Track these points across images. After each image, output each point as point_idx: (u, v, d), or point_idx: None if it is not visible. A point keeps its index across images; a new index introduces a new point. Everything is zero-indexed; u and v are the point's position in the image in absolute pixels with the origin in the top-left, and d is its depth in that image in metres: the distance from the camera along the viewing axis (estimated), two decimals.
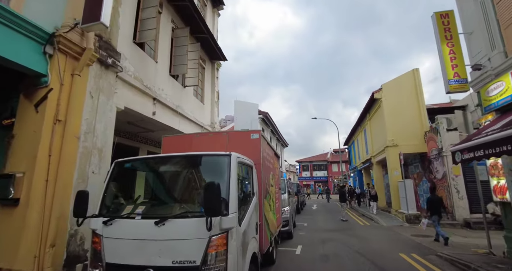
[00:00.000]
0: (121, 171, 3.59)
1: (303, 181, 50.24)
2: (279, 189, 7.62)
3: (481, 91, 6.50)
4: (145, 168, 3.54)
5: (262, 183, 4.55)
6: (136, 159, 3.56)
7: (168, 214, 2.98)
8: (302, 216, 16.04)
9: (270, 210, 5.33)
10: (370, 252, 6.96)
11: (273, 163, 6.47)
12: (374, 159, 19.11)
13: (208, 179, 3.21)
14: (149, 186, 3.50)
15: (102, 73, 5.23)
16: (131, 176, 3.61)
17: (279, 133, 28.98)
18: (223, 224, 2.80)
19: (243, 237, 3.21)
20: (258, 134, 4.65)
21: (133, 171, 3.58)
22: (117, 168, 3.58)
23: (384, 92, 15.91)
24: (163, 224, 2.88)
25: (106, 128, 5.26)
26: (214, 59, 11.86)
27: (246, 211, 3.56)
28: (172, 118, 8.07)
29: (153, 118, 7.17)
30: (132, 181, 3.63)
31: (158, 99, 7.34)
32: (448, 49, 6.95)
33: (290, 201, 9.94)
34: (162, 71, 7.92)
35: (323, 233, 9.94)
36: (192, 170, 3.45)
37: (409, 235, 9.23)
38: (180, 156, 3.55)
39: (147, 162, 3.53)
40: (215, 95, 11.76)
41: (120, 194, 3.53)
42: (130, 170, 3.59)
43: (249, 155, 4.43)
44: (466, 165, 11.96)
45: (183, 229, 2.86)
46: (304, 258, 6.70)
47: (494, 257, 6.22)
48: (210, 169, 3.36)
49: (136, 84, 6.45)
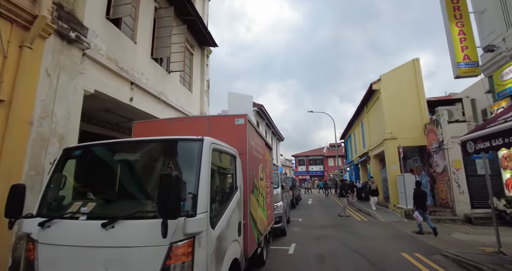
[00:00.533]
0: (71, 159, 2.91)
1: (299, 176, 49.88)
2: (271, 183, 6.99)
3: (494, 76, 5.88)
4: (99, 156, 2.85)
5: (248, 175, 3.90)
6: (87, 145, 2.87)
7: (120, 213, 2.31)
8: (297, 210, 15.53)
9: (259, 206, 4.70)
10: (370, 252, 6.40)
11: (263, 154, 5.82)
12: (372, 153, 18.59)
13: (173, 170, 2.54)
14: (103, 178, 2.82)
15: (63, 49, 4.49)
16: (83, 165, 2.93)
17: (274, 126, 28.33)
18: (188, 228, 2.16)
19: (218, 243, 2.56)
20: (243, 119, 3.98)
21: (86, 159, 2.89)
22: (66, 156, 2.90)
23: (383, 83, 15.27)
24: (112, 227, 2.23)
25: (69, 113, 4.54)
26: (204, 45, 11.07)
27: (225, 209, 2.91)
28: (154, 106, 7.35)
29: (131, 105, 6.46)
30: (84, 172, 2.95)
31: (136, 84, 6.61)
32: (457, 30, 6.29)
33: (284, 196, 9.35)
34: (142, 53, 7.16)
35: (318, 230, 9.39)
36: (155, 158, 2.77)
37: (409, 232, 8.71)
38: (140, 142, 2.86)
39: (101, 148, 2.85)
40: (205, 84, 11.02)
41: (68, 189, 2.85)
42: (82, 158, 2.91)
43: (233, 143, 3.77)
44: (468, 159, 11.55)
45: (137, 233, 2.21)
46: (298, 258, 6.12)
47: (504, 256, 5.68)
48: (176, 157, 2.68)
49: (109, 66, 5.71)
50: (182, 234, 2.15)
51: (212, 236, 2.45)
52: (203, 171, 2.42)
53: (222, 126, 3.98)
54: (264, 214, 5.30)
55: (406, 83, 14.89)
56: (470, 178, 11.47)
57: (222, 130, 3.95)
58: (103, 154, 2.88)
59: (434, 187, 13.23)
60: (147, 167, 2.76)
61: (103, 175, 2.86)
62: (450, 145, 11.83)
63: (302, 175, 52.17)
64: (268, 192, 6.30)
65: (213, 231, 2.48)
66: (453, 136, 11.83)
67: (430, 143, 13.35)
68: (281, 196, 8.62)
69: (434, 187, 13.23)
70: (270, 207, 6.55)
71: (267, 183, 6.04)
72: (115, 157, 2.87)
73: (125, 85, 6.26)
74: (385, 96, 15.06)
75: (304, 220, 11.90)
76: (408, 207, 12.03)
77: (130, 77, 6.39)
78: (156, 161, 2.75)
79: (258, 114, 22.36)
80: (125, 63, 6.34)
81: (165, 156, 2.74)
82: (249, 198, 3.82)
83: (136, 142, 2.91)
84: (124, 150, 2.87)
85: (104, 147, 2.90)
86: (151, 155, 2.78)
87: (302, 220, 11.88)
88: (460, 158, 11.68)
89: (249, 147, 4.04)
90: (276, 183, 8.70)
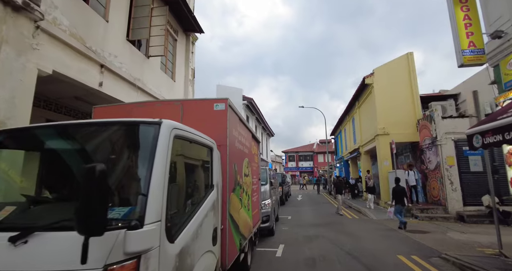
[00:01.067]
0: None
1: (289, 171, 49.63)
2: (258, 180, 6.39)
3: (501, 64, 5.41)
4: (24, 143, 2.16)
5: (229, 171, 3.27)
6: (9, 130, 2.17)
7: (37, 222, 1.65)
8: (287, 207, 15.06)
9: (242, 206, 4.09)
10: (364, 254, 5.91)
11: (249, 147, 5.20)
12: (363, 149, 18.24)
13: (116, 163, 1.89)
14: (28, 173, 2.14)
15: (6, 17, 3.71)
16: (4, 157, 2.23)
17: (265, 121, 27.71)
18: (130, 245, 1.52)
19: (180, 260, 1.93)
20: (224, 104, 3.33)
21: (8, 148, 2.20)
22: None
23: (376, 77, 14.82)
24: (24, 242, 1.57)
25: (13, 95, 3.78)
26: (189, 31, 10.28)
27: (193, 214, 2.28)
28: (129, 93, 6.59)
29: (101, 90, 5.70)
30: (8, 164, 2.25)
31: (107, 67, 5.85)
32: (462, 14, 5.79)
33: (272, 193, 8.78)
34: (116, 34, 6.38)
35: (308, 228, 8.89)
36: (94, 147, 2.09)
37: (404, 231, 8.31)
38: (76, 125, 2.16)
39: (25, 134, 2.15)
40: (190, 73, 10.26)
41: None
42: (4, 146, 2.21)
43: (211, 132, 3.14)
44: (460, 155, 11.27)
45: (60, 251, 1.56)
46: (286, 262, 5.57)
47: (507, 259, 5.28)
48: (123, 145, 2.02)
49: (73, 44, 4.94)
50: (122, 253, 1.52)
51: (170, 253, 1.81)
52: (158, 164, 1.77)
53: (198, 113, 3.33)
54: (249, 214, 4.70)
55: (399, 77, 14.50)
56: (463, 175, 11.21)
57: (198, 117, 3.30)
58: (30, 142, 2.17)
59: (426, 184, 12.95)
60: (83, 159, 2.07)
61: (29, 169, 2.17)
62: (443, 141, 11.52)
63: (292, 171, 51.96)
64: (255, 190, 5.70)
65: (172, 246, 1.84)
66: (446, 132, 11.52)
67: (423, 139, 13.03)
68: (269, 193, 8.05)
69: (426, 184, 12.95)
70: (257, 205, 5.97)
71: (253, 179, 5.44)
72: (46, 145, 2.18)
73: (93, 68, 5.49)
74: (378, 90, 14.63)
75: (293, 217, 11.41)
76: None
77: (99, 59, 5.63)
78: (96, 151, 2.07)
79: (248, 108, 21.68)
80: (94, 43, 5.57)
81: (108, 144, 2.06)
82: (229, 198, 3.19)
83: (69, 126, 2.19)
84: (56, 136, 2.15)
85: (29, 133, 2.17)
86: (90, 143, 2.10)
87: (291, 217, 11.38)
88: (453, 154, 11.40)
89: (230, 138, 3.40)
90: (264, 180, 8.12)
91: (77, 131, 2.10)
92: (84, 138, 2.08)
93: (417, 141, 13.63)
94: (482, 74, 13.84)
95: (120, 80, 6.32)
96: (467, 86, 14.88)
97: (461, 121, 11.53)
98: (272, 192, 8.70)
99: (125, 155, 1.95)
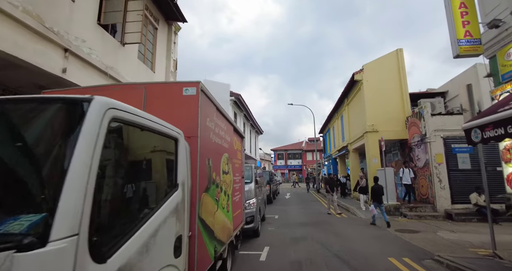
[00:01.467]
0: None
1: (277, 169, 49.40)
2: (242, 178, 5.91)
3: (498, 55, 5.12)
4: None
5: (200, 167, 2.77)
6: None
7: None
8: (274, 206, 14.66)
9: (219, 208, 3.60)
10: (353, 257, 5.54)
11: (230, 142, 4.71)
12: (351, 146, 18.06)
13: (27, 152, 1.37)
14: None
15: None
16: None
17: (253, 118, 27.19)
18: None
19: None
20: (195, 88, 2.83)
21: None
22: None
23: (366, 74, 14.58)
24: None
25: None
26: (171, 20, 9.65)
27: (143, 221, 1.77)
28: (99, 82, 5.96)
29: (65, 78, 5.09)
30: None
31: (73, 52, 5.22)
32: (458, 2, 5.46)
33: (258, 192, 8.33)
34: (84, 15, 5.74)
35: (295, 229, 8.49)
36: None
37: (393, 231, 8.03)
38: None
39: None
40: (172, 64, 9.65)
41: None
42: None
43: (179, 121, 2.64)
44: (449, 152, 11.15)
45: None
46: (270, 267, 5.13)
47: (502, 261, 5.02)
48: (38, 130, 1.49)
49: (27, 22, 4.31)
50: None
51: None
52: (79, 154, 1.26)
53: (165, 98, 2.81)
54: (229, 216, 4.22)
55: (388, 74, 14.31)
56: (452, 172, 11.10)
57: (164, 103, 2.79)
58: None
59: (414, 182, 12.81)
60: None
61: None
62: (432, 139, 11.37)
63: (281, 169, 51.79)
64: (237, 189, 5.22)
65: (100, 268, 1.34)
66: (436, 129, 11.38)
67: (412, 136, 12.89)
68: (254, 192, 7.58)
69: (414, 182, 12.81)
70: (240, 206, 5.49)
71: (235, 177, 4.96)
72: None
73: (54, 51, 4.87)
74: (367, 87, 14.39)
75: (280, 217, 11.00)
76: (389, 202, 11.49)
77: (63, 42, 5.00)
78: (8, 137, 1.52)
79: (235, 104, 21.12)
80: (56, 24, 4.94)
81: (16, 128, 1.52)
82: (199, 200, 2.70)
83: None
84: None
85: None
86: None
87: (278, 217, 10.97)
88: (442, 152, 11.27)
89: (203, 128, 2.91)
90: (249, 178, 7.65)
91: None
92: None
93: (406, 138, 13.49)
94: (469, 72, 13.84)
95: (89, 67, 5.69)
96: (455, 84, 14.87)
97: (450, 118, 11.42)
98: (257, 190, 8.25)
99: (40, 141, 1.42)
